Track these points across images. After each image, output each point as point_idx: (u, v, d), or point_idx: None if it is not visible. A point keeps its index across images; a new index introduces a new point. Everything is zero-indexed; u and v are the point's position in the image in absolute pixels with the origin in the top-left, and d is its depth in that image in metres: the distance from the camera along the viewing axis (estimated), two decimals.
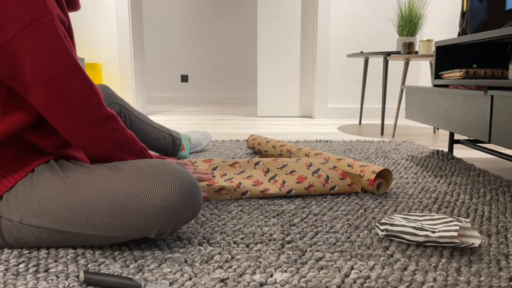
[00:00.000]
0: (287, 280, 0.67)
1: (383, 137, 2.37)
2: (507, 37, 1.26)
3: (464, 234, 0.81)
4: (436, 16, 3.21)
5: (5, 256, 0.75)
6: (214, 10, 5.14)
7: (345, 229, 0.90)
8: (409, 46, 2.31)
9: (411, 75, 3.45)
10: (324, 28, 3.30)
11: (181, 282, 0.66)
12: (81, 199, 0.71)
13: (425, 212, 1.03)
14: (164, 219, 0.72)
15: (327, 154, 1.37)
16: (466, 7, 1.71)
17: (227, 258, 0.75)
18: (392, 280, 0.68)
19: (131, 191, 0.71)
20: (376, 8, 3.32)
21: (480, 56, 1.71)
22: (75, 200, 0.71)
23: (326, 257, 0.76)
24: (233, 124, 3.00)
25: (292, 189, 1.13)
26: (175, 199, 0.72)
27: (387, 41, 3.36)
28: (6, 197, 0.73)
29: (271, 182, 1.16)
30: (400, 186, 1.27)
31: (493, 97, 1.21)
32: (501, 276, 0.69)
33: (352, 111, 3.43)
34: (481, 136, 1.29)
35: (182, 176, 0.74)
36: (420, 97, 1.77)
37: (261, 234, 0.87)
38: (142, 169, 0.73)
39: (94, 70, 3.10)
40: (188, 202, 0.74)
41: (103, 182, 0.72)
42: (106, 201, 0.71)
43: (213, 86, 5.30)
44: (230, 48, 5.22)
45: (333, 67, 3.39)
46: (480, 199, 1.13)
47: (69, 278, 0.67)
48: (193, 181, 0.76)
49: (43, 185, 0.73)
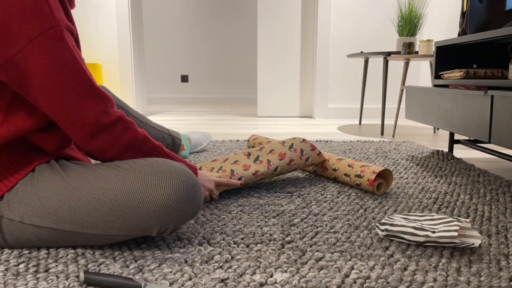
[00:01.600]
0: (287, 280, 0.67)
1: (383, 137, 2.37)
2: (507, 37, 1.26)
3: (464, 234, 0.81)
4: (436, 16, 3.21)
5: (5, 256, 0.75)
6: (214, 10, 5.14)
7: (345, 229, 0.90)
8: (409, 46, 2.31)
9: (411, 75, 3.45)
10: (324, 28, 3.30)
11: (181, 282, 0.66)
12: (82, 198, 0.71)
13: (425, 212, 1.03)
14: (165, 217, 0.72)
15: (327, 154, 1.37)
16: (466, 7, 1.71)
17: (227, 258, 0.75)
18: (392, 280, 0.68)
19: (132, 189, 0.71)
20: (376, 8, 3.32)
21: (480, 56, 1.71)
22: (76, 199, 0.71)
23: (326, 257, 0.76)
24: (233, 124, 3.00)
25: (278, 167, 1.20)
26: (176, 197, 0.72)
27: (387, 41, 3.36)
28: (7, 196, 0.73)
29: (256, 163, 1.20)
30: (400, 186, 1.27)
31: (493, 97, 1.21)
32: (501, 276, 0.69)
33: (352, 111, 3.43)
34: (481, 136, 1.29)
35: (182, 174, 0.74)
36: (420, 97, 1.77)
37: (261, 234, 0.87)
38: (143, 168, 0.74)
39: (94, 70, 3.10)
40: (189, 200, 0.74)
41: (104, 181, 0.72)
42: (107, 200, 0.71)
43: (213, 86, 5.30)
44: (230, 48, 5.22)
45: (333, 67, 3.39)
46: (480, 199, 1.13)
47: (69, 278, 0.67)
48: (194, 179, 0.76)
49: (44, 185, 0.73)
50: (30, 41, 0.65)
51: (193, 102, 5.32)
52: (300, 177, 1.36)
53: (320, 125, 2.97)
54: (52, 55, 0.67)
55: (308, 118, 3.42)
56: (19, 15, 0.65)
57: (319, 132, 2.59)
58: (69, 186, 0.72)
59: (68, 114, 0.71)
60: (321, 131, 2.64)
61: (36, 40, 0.66)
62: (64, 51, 0.69)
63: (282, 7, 3.39)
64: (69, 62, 0.70)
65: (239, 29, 5.17)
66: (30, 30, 0.65)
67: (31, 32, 0.65)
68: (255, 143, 1.74)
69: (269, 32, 3.42)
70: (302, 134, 2.48)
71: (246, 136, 2.39)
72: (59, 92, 0.70)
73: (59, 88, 0.69)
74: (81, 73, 0.71)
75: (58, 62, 0.68)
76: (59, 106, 0.71)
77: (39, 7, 0.66)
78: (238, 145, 2.00)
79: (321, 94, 3.38)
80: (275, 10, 3.39)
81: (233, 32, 5.18)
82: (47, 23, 0.66)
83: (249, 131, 2.61)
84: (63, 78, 0.69)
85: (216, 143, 2.06)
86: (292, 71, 3.47)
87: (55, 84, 0.69)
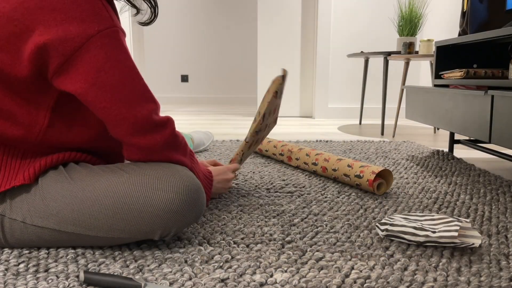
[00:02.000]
0: (287, 280, 0.67)
1: (383, 137, 2.37)
2: (507, 37, 1.26)
3: (465, 234, 0.81)
4: (436, 16, 3.21)
5: (5, 256, 0.75)
6: (215, 10, 5.14)
7: (345, 229, 0.90)
8: (410, 46, 2.31)
9: (411, 75, 3.45)
10: (324, 28, 3.30)
11: (181, 282, 0.66)
12: (85, 200, 0.71)
13: (425, 212, 1.03)
14: (168, 221, 0.73)
15: (327, 154, 1.37)
16: (466, 7, 1.71)
17: (227, 258, 0.75)
18: (392, 280, 0.67)
19: (135, 193, 0.71)
20: (377, 8, 3.31)
21: (480, 56, 1.71)
22: (79, 201, 0.71)
23: (326, 257, 0.76)
24: (233, 124, 3.00)
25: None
26: (179, 201, 0.72)
27: (387, 41, 3.36)
28: (10, 196, 0.73)
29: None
30: (400, 186, 1.27)
31: (494, 97, 1.21)
32: (502, 276, 0.69)
33: (352, 111, 3.43)
34: (482, 136, 1.28)
35: (186, 178, 0.75)
36: (420, 97, 1.77)
37: (261, 234, 0.87)
38: (146, 172, 0.74)
39: None
40: (192, 204, 0.74)
41: (108, 184, 0.72)
42: (111, 202, 0.71)
43: (213, 86, 5.30)
44: (230, 48, 5.22)
45: (333, 67, 3.39)
46: (480, 199, 1.13)
47: (69, 278, 0.67)
48: (197, 184, 0.77)
49: (48, 185, 0.73)
50: (87, 39, 0.68)
51: (193, 102, 5.32)
52: (300, 177, 1.36)
53: (320, 125, 2.97)
54: (108, 52, 0.69)
55: (308, 118, 3.42)
56: (78, 17, 0.67)
57: (319, 132, 2.59)
58: (73, 188, 0.72)
59: (119, 109, 0.71)
60: (321, 131, 2.64)
61: (93, 39, 0.68)
62: (119, 49, 0.71)
63: (282, 7, 3.39)
64: (124, 59, 0.71)
65: (239, 29, 5.17)
66: (88, 29, 0.67)
67: (89, 31, 0.68)
68: None
69: (269, 32, 3.42)
70: (302, 134, 2.48)
71: None
72: (113, 86, 0.70)
73: (113, 82, 0.70)
74: (134, 70, 0.73)
75: (113, 58, 0.70)
76: (111, 100, 0.71)
77: (98, 11, 0.69)
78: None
79: (321, 94, 3.38)
80: (275, 10, 3.39)
81: (233, 32, 5.18)
82: (105, 24, 0.69)
83: None
84: (117, 73, 0.70)
85: (216, 143, 2.06)
86: (292, 71, 3.47)
87: (110, 78, 0.70)
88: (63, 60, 0.68)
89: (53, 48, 0.66)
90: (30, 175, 0.73)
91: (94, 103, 0.71)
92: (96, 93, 0.70)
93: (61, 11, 0.67)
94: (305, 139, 2.26)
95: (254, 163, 1.59)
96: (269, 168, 1.49)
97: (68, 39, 0.67)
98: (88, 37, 0.68)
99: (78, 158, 0.80)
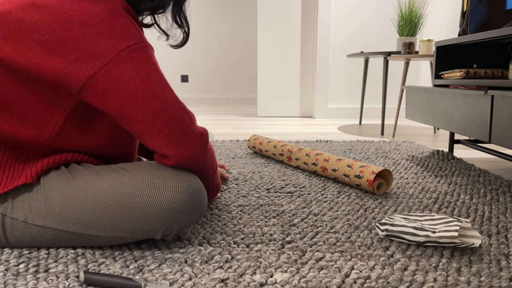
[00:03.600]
0: (287, 280, 0.67)
1: (383, 137, 2.37)
2: (507, 37, 1.26)
3: (465, 234, 0.81)
4: (436, 16, 3.21)
5: (5, 256, 0.75)
6: (215, 10, 5.14)
7: (345, 229, 0.90)
8: (409, 46, 2.31)
9: (411, 75, 3.45)
10: (324, 28, 3.30)
11: (181, 282, 0.66)
12: (87, 199, 0.71)
13: (425, 212, 1.03)
14: (170, 221, 0.73)
15: (327, 154, 1.37)
16: (466, 7, 1.71)
17: (227, 258, 0.75)
18: (392, 280, 0.67)
19: (138, 192, 0.72)
20: (377, 8, 3.31)
21: (480, 56, 1.71)
22: (81, 200, 0.71)
23: (326, 257, 0.76)
24: (233, 124, 3.00)
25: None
26: (181, 201, 0.73)
27: (387, 41, 3.36)
28: (12, 196, 0.73)
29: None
30: (400, 186, 1.27)
31: (494, 97, 1.21)
32: (502, 276, 0.69)
33: (352, 111, 3.43)
34: (482, 136, 1.28)
35: (188, 178, 0.75)
36: (420, 97, 1.77)
37: (261, 234, 0.87)
38: (148, 171, 0.74)
39: None
40: (194, 204, 0.75)
41: (110, 184, 0.72)
42: (113, 202, 0.71)
43: (213, 86, 5.30)
44: (230, 48, 5.22)
45: (333, 67, 3.39)
46: (480, 199, 1.13)
47: (69, 278, 0.67)
48: (199, 184, 0.77)
49: (49, 185, 0.73)
50: (117, 54, 0.69)
51: (193, 102, 5.32)
52: (300, 177, 1.36)
53: (320, 125, 2.97)
54: (137, 65, 0.70)
55: (308, 118, 3.42)
56: (107, 33, 0.68)
57: (319, 132, 2.59)
58: (75, 187, 0.72)
59: (153, 121, 0.72)
60: (321, 131, 2.64)
61: (123, 53, 0.69)
62: (149, 62, 0.72)
63: (282, 7, 3.39)
64: (153, 71, 0.72)
65: (239, 29, 5.17)
66: (117, 44, 0.69)
67: (119, 46, 0.69)
68: (255, 143, 1.74)
69: (269, 32, 3.42)
70: (302, 134, 2.48)
71: (246, 136, 2.39)
72: (144, 98, 0.71)
73: (144, 94, 0.71)
74: (164, 82, 0.74)
75: (143, 71, 0.71)
76: (144, 112, 0.71)
77: (127, 27, 0.70)
78: (238, 145, 2.00)
79: (321, 94, 3.38)
80: (275, 10, 3.39)
81: (233, 32, 5.18)
82: (134, 39, 0.70)
83: (249, 131, 2.61)
84: (148, 84, 0.71)
85: (216, 143, 2.06)
86: (292, 71, 3.47)
87: (140, 90, 0.70)
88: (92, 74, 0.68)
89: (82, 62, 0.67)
90: (33, 175, 0.73)
91: (130, 117, 0.71)
92: (132, 107, 0.70)
93: (90, 26, 0.68)
94: (305, 139, 2.26)
95: (254, 163, 1.59)
96: (269, 168, 1.49)
97: (98, 54, 0.68)
98: (118, 52, 0.68)
99: (80, 159, 0.80)
